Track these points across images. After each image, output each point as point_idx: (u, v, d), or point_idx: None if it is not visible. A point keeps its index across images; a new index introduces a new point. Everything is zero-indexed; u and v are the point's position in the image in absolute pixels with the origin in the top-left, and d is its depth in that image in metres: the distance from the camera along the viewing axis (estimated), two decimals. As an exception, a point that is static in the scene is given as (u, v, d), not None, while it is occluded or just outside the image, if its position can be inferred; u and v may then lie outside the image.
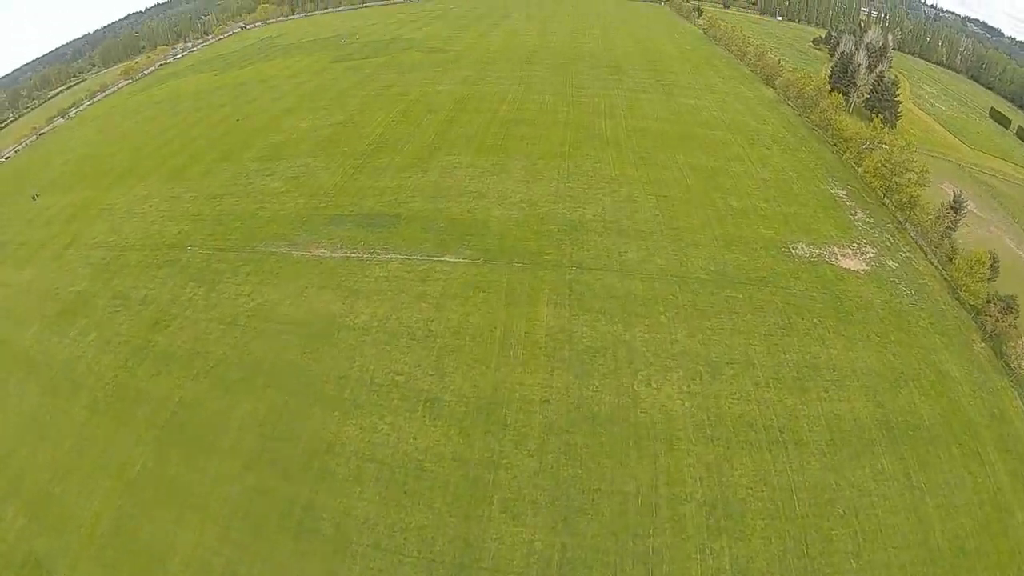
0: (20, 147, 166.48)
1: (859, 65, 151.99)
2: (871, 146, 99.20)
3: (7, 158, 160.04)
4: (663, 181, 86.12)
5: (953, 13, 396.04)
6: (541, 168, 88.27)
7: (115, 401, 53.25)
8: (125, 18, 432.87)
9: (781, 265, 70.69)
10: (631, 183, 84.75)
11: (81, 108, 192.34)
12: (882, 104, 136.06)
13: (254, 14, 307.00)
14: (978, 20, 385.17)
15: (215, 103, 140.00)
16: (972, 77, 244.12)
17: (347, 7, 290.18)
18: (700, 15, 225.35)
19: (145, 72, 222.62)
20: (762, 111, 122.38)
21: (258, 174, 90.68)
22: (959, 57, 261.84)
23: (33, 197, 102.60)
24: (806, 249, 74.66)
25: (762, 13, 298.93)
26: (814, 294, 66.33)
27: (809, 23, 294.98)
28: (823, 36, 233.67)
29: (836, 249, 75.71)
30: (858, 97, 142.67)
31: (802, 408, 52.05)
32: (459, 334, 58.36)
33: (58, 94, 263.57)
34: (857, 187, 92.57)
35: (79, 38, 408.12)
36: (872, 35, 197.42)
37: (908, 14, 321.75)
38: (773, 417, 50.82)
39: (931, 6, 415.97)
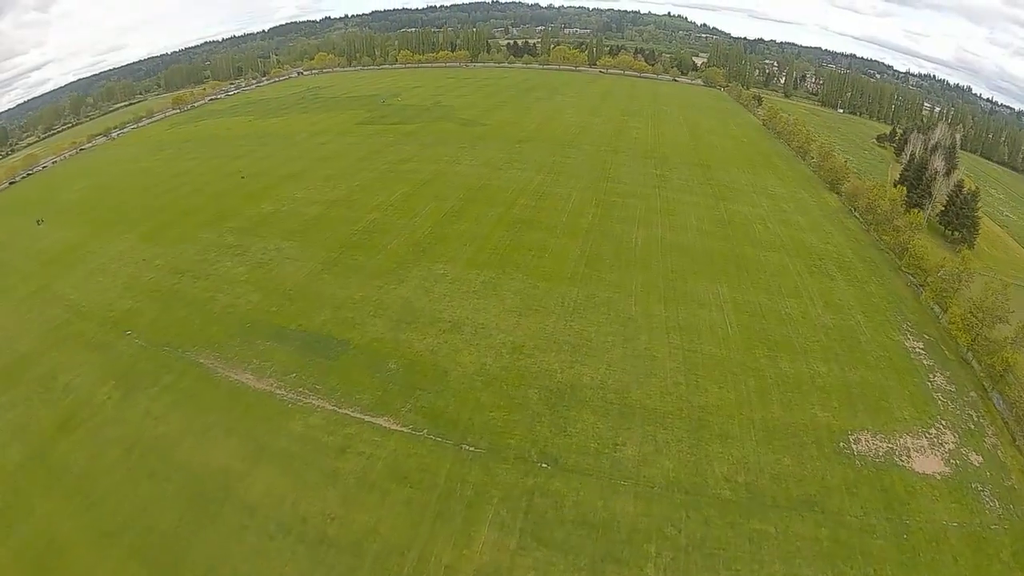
0: (58, 159, 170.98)
1: (936, 172, 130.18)
2: (956, 284, 76.76)
3: (44, 167, 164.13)
4: (696, 327, 65.40)
5: (1008, 107, 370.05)
6: (542, 294, 69.16)
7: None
8: (201, 45, 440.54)
9: (836, 472, 48.70)
10: (654, 328, 64.43)
11: (124, 131, 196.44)
12: (960, 219, 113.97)
13: (312, 61, 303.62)
14: None
15: (235, 152, 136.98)
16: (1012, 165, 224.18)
17: (404, 64, 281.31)
18: (760, 104, 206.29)
19: (194, 104, 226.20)
20: (825, 225, 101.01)
21: (229, 252, 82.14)
22: (1021, 155, 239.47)
23: (38, 222, 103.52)
24: (871, 442, 52.56)
25: (823, 105, 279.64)
26: (874, 522, 44.34)
27: (871, 117, 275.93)
28: (887, 133, 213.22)
29: (909, 440, 53.24)
30: (932, 210, 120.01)
31: None
32: (359, 551, 39.55)
33: (116, 110, 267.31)
34: (935, 335, 70.32)
35: (155, 56, 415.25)
36: (940, 132, 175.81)
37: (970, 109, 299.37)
38: None
39: (988, 100, 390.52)
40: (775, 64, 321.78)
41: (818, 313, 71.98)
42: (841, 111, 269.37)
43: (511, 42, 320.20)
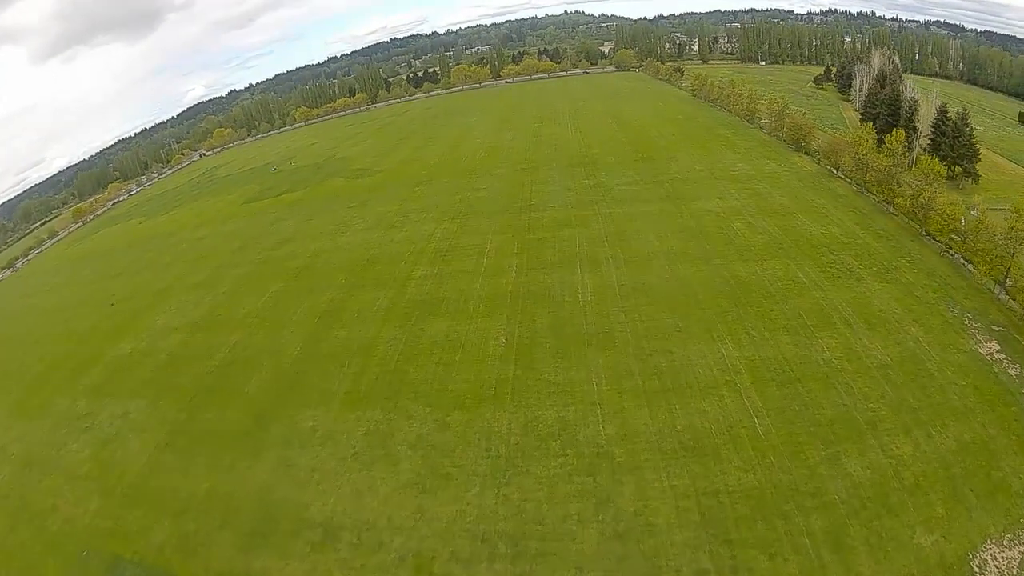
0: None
1: (915, 100, 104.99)
2: (1014, 246, 51.37)
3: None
4: (706, 442, 39.18)
5: (914, 21, 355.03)
6: (455, 440, 42.42)
7: None
8: (115, 144, 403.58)
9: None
10: (642, 463, 38.16)
11: (28, 258, 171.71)
12: (957, 151, 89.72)
13: (211, 139, 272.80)
14: (939, 22, 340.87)
15: (114, 269, 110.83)
16: (970, 81, 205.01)
17: (304, 122, 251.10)
18: (682, 75, 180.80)
19: (96, 214, 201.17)
20: (814, 199, 75.19)
21: (77, 427, 57.81)
22: (951, 63, 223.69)
23: None
24: (1002, 557, 29.97)
25: (743, 62, 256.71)
26: None
27: (794, 62, 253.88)
28: (823, 73, 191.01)
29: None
30: (920, 146, 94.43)
31: None
32: None
33: (31, 232, 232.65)
34: (1003, 322, 47.89)
35: (74, 164, 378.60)
36: (878, 59, 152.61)
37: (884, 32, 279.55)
38: None
39: (893, 19, 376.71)
40: (682, 36, 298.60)
41: (865, 346, 45.79)
42: (763, 63, 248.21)
43: (411, 74, 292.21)
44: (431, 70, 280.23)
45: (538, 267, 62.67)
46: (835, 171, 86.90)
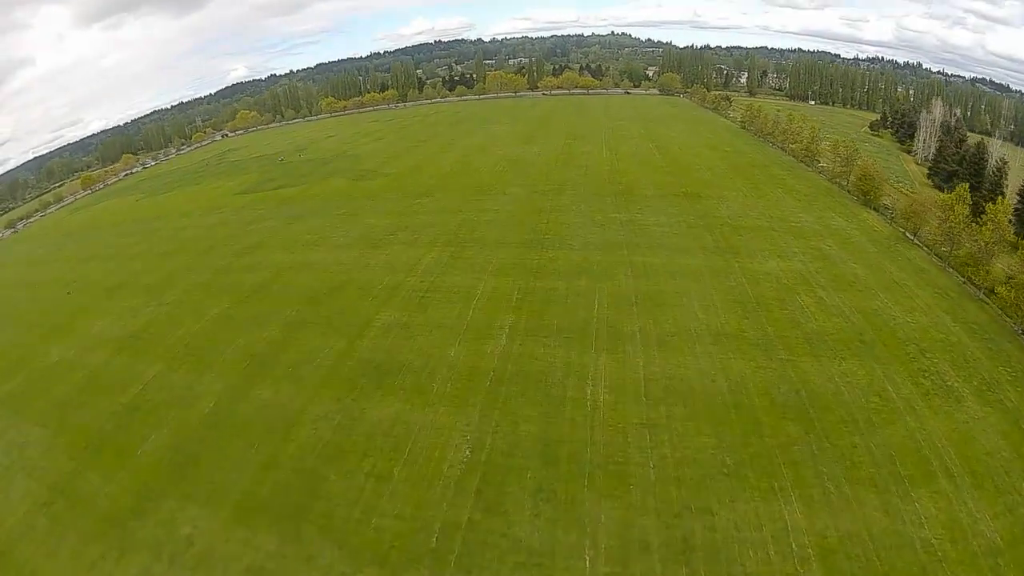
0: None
1: (1004, 162, 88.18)
2: None
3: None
4: None
5: (959, 76, 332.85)
6: None
7: None
8: (151, 114, 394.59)
9: None
10: None
11: (30, 220, 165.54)
12: None
13: (234, 121, 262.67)
14: (985, 79, 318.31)
15: (91, 251, 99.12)
16: (1020, 143, 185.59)
17: (330, 113, 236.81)
18: (730, 104, 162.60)
19: (105, 184, 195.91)
20: (895, 272, 57.78)
21: None
22: (1002, 121, 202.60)
23: None
24: None
25: (792, 99, 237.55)
26: None
27: (845, 105, 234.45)
28: (879, 119, 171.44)
29: None
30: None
31: None
32: None
33: (50, 191, 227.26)
34: None
35: (108, 129, 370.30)
36: (939, 110, 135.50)
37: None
38: None
39: (938, 72, 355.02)
40: (729, 67, 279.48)
41: (971, 515, 29.87)
42: (813, 103, 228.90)
43: (447, 76, 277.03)
44: (468, 74, 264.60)
45: (538, 332, 45.34)
46: (911, 236, 69.11)
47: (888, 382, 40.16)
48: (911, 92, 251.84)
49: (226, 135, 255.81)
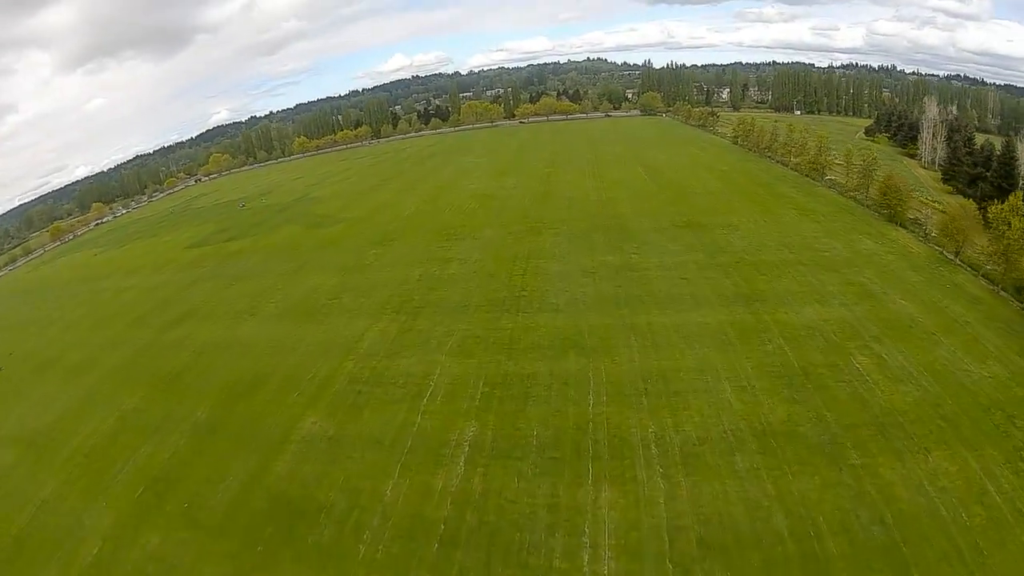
0: None
1: None
2: None
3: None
4: None
5: (934, 75, 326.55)
6: None
7: None
8: (133, 159, 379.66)
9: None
10: None
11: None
12: None
13: (207, 165, 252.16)
14: (959, 75, 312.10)
15: (41, 313, 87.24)
16: (1006, 134, 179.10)
17: (302, 154, 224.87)
18: (717, 120, 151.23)
19: (74, 235, 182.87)
20: (948, 306, 45.63)
21: None
22: (989, 116, 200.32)
23: None
24: None
25: (777, 110, 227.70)
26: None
27: (831, 113, 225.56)
28: (874, 123, 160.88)
29: None
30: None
31: None
32: None
33: (21, 244, 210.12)
34: None
35: (93, 175, 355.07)
36: (932, 110, 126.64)
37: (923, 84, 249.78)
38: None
39: (912, 73, 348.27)
40: (707, 84, 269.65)
41: None
42: (798, 112, 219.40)
43: (421, 110, 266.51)
44: (444, 107, 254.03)
45: (511, 452, 31.45)
46: (951, 256, 56.73)
47: (987, 478, 28.04)
48: (895, 95, 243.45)
49: (199, 180, 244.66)
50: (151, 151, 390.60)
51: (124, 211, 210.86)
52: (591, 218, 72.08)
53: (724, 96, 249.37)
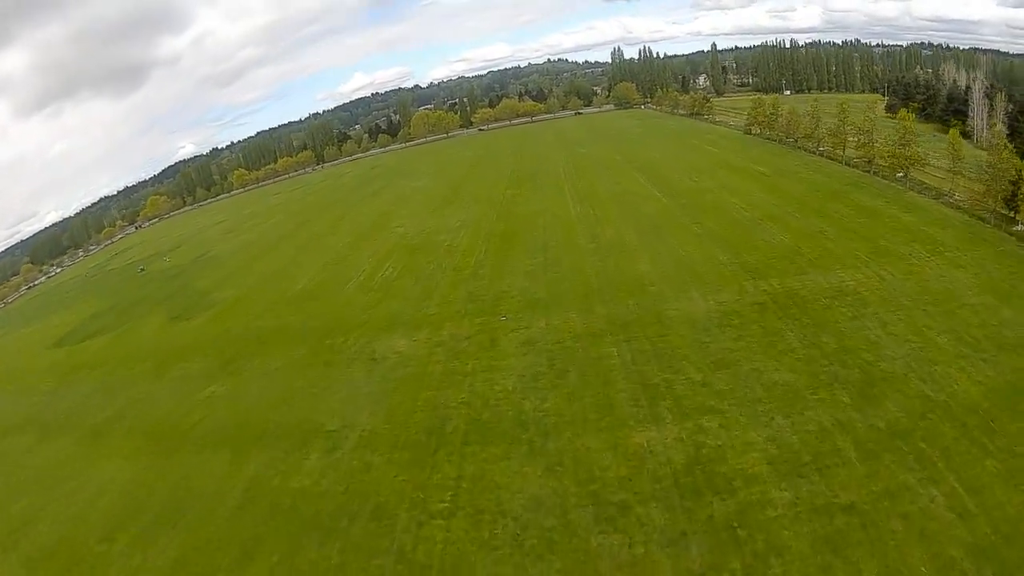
0: None
1: None
2: None
3: None
4: None
5: (898, 45, 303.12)
6: None
7: None
8: (99, 202, 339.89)
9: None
10: None
11: None
12: None
13: (145, 210, 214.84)
14: (923, 43, 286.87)
15: None
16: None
17: (243, 188, 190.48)
18: (711, 108, 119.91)
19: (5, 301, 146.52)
20: None
21: None
22: (980, 79, 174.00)
23: None
24: None
25: (764, 92, 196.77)
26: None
27: (821, 91, 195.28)
28: (898, 99, 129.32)
29: None
30: None
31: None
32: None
33: None
34: None
35: (63, 220, 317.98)
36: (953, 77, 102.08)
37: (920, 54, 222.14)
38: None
39: (879, 45, 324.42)
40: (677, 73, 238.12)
41: None
42: (788, 92, 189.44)
43: (372, 126, 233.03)
44: (395, 119, 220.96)
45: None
46: None
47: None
48: (887, 67, 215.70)
49: (138, 227, 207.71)
50: (115, 192, 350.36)
51: (58, 270, 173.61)
52: (587, 292, 39.53)
53: (701, 82, 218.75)
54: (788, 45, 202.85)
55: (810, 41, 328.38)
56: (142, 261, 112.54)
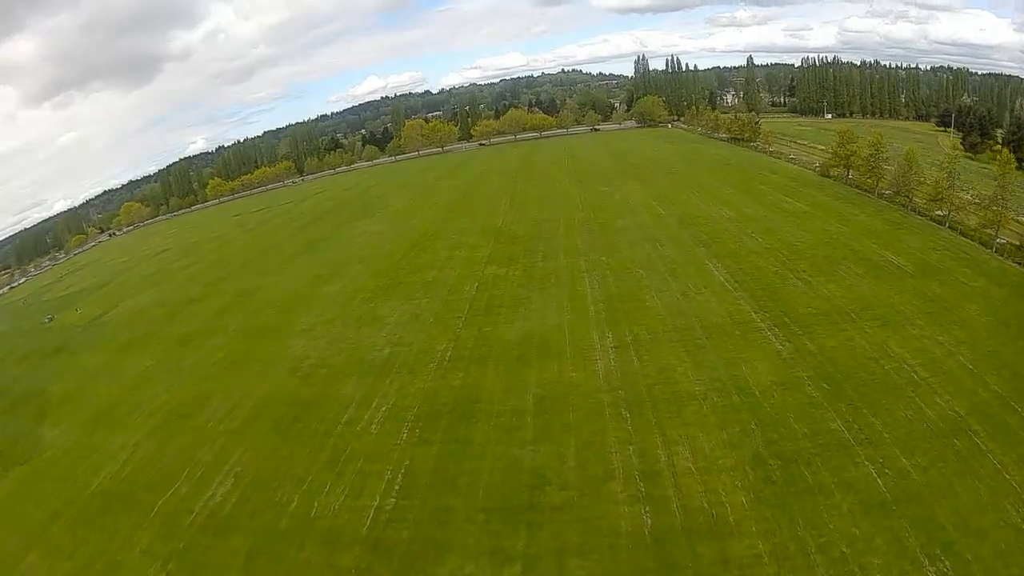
0: None
1: None
2: None
3: None
4: None
5: (916, 69, 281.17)
6: None
7: None
8: (100, 195, 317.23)
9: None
10: None
11: None
12: None
13: (119, 218, 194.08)
14: (944, 67, 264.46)
15: None
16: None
17: (218, 199, 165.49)
18: (759, 132, 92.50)
19: None
20: None
21: None
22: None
23: None
24: None
25: (803, 114, 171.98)
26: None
27: (866, 116, 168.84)
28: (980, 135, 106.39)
29: None
30: None
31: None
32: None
33: None
34: None
35: (70, 209, 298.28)
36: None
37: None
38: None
39: (898, 67, 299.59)
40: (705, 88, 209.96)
41: None
42: (829, 116, 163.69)
43: (364, 135, 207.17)
44: (391, 128, 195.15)
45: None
46: None
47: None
48: (931, 91, 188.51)
49: (113, 234, 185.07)
50: (119, 186, 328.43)
51: (21, 279, 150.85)
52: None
53: (727, 100, 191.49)
54: (831, 60, 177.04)
55: (829, 60, 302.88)
56: (66, 299, 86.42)
